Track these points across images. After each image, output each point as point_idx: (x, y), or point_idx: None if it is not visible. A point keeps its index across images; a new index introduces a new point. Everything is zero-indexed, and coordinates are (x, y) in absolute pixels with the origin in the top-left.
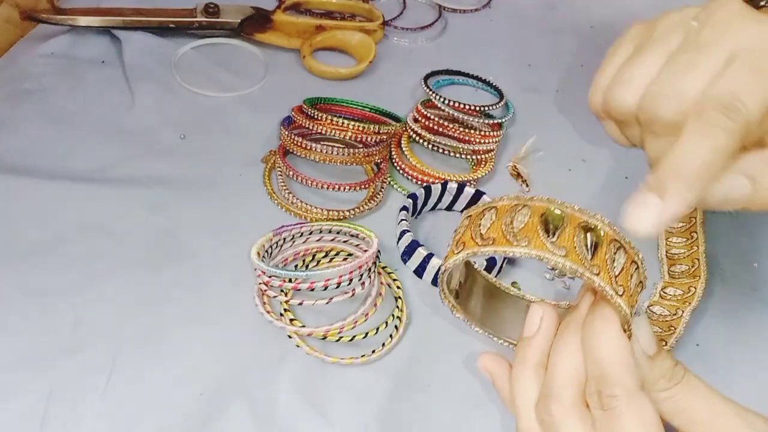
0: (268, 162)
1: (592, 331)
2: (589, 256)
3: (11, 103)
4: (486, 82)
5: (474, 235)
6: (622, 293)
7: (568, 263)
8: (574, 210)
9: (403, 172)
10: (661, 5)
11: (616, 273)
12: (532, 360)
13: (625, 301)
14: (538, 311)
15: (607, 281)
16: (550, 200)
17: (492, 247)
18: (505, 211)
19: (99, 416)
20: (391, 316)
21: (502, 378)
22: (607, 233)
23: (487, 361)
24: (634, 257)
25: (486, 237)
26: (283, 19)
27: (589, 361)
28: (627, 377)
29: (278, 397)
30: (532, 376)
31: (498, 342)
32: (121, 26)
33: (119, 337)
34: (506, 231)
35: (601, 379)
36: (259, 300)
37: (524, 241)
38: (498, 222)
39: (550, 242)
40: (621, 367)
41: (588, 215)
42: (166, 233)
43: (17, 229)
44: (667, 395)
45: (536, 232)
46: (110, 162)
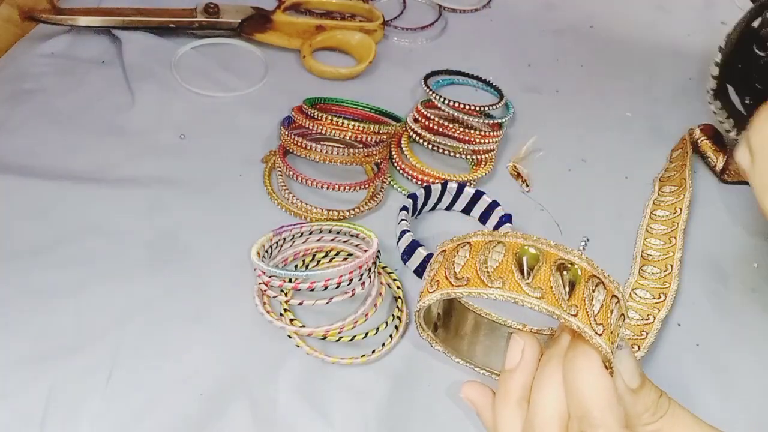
0: (268, 162)
1: (573, 368)
2: (566, 296)
3: (11, 103)
4: (486, 82)
5: (448, 273)
6: (601, 332)
7: (544, 305)
8: (550, 246)
9: (403, 172)
10: (660, 5)
11: (596, 312)
12: (514, 394)
13: (605, 339)
14: (519, 343)
15: (586, 322)
16: (525, 236)
17: (466, 288)
18: (480, 248)
19: (99, 416)
20: (391, 316)
21: (485, 408)
22: (585, 270)
23: (470, 391)
24: (614, 291)
25: (460, 276)
26: (283, 19)
27: (571, 399)
28: (609, 416)
29: (278, 397)
30: (515, 410)
31: (479, 372)
32: (121, 26)
33: (119, 337)
34: (480, 270)
35: (583, 418)
36: (259, 300)
37: (498, 282)
38: (472, 260)
39: (525, 283)
40: (603, 406)
41: (564, 251)
42: (166, 233)
43: (17, 229)
44: (653, 428)
45: (511, 273)
46: (110, 162)
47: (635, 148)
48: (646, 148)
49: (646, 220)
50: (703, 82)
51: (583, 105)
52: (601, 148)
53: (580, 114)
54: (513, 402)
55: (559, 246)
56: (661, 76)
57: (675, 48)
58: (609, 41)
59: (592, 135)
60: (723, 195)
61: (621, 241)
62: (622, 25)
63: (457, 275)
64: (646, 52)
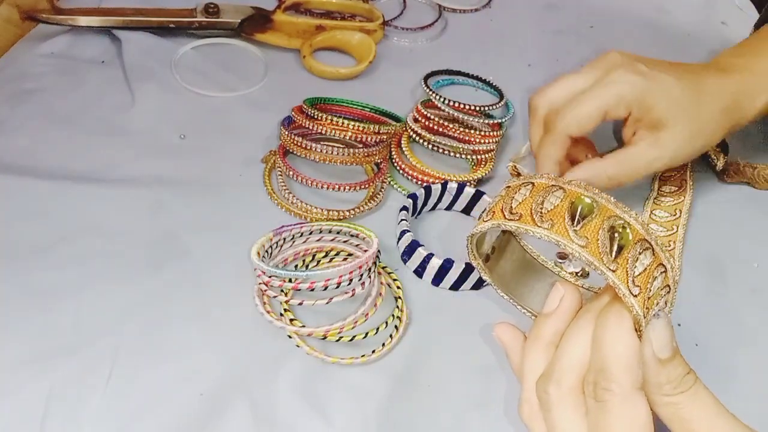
0: (268, 162)
1: (603, 324)
2: (609, 251)
3: (11, 103)
4: (486, 82)
5: (504, 207)
6: (637, 293)
7: (585, 254)
8: (609, 202)
9: (403, 172)
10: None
11: (636, 273)
12: (545, 337)
13: (639, 302)
14: (560, 291)
15: (623, 280)
16: (587, 187)
17: (515, 222)
18: (541, 189)
19: (99, 416)
20: (391, 316)
21: (514, 349)
22: (637, 231)
23: (502, 332)
24: (662, 261)
25: (515, 212)
26: (283, 19)
27: (595, 352)
28: (625, 376)
29: (278, 397)
30: (542, 352)
31: (520, 310)
32: (121, 26)
33: (119, 337)
34: (534, 210)
35: (600, 371)
36: (259, 300)
37: (548, 223)
38: (530, 199)
39: (573, 230)
40: (622, 365)
41: (622, 210)
42: (166, 233)
43: (17, 229)
44: (670, 401)
45: (562, 217)
46: (110, 162)
47: None
48: None
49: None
50: None
51: None
52: (600, 149)
53: None
54: (543, 344)
55: (619, 204)
56: None
57: (675, 48)
58: (609, 41)
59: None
60: (723, 195)
61: None
62: (622, 25)
63: (513, 210)
64: (646, 52)
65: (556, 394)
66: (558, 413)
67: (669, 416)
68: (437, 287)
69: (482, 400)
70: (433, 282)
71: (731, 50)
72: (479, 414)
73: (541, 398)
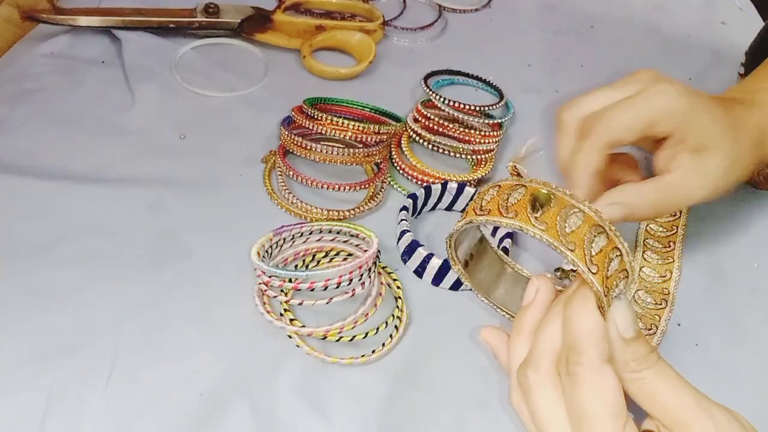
0: (268, 162)
1: (570, 306)
2: (569, 233)
3: (11, 103)
4: (486, 82)
5: (476, 207)
6: (595, 272)
7: (545, 237)
8: (565, 195)
9: (403, 172)
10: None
11: (593, 253)
12: (525, 327)
13: (598, 279)
14: (534, 284)
15: (581, 258)
16: (546, 184)
17: (485, 216)
18: (506, 189)
19: (99, 416)
20: (391, 316)
21: (501, 349)
22: (590, 216)
23: (488, 334)
24: (617, 244)
25: (484, 208)
26: (283, 19)
27: (564, 333)
28: (592, 348)
29: (278, 397)
30: (524, 341)
31: (500, 313)
32: (121, 26)
33: (119, 337)
34: (501, 205)
35: (570, 348)
36: (259, 300)
37: (512, 213)
38: (498, 197)
39: (534, 217)
40: (588, 339)
41: (576, 200)
42: (166, 233)
43: (17, 229)
44: (636, 377)
45: (524, 208)
46: (110, 162)
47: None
48: None
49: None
50: (703, 82)
51: None
52: None
53: None
54: (524, 334)
55: (573, 195)
56: None
57: (675, 48)
58: (609, 41)
59: None
60: None
61: None
62: (622, 25)
63: (482, 207)
64: (646, 52)
65: (534, 378)
66: (537, 395)
67: (636, 391)
68: (437, 287)
69: (482, 400)
70: (433, 282)
71: (746, 82)
72: (479, 414)
73: (522, 383)
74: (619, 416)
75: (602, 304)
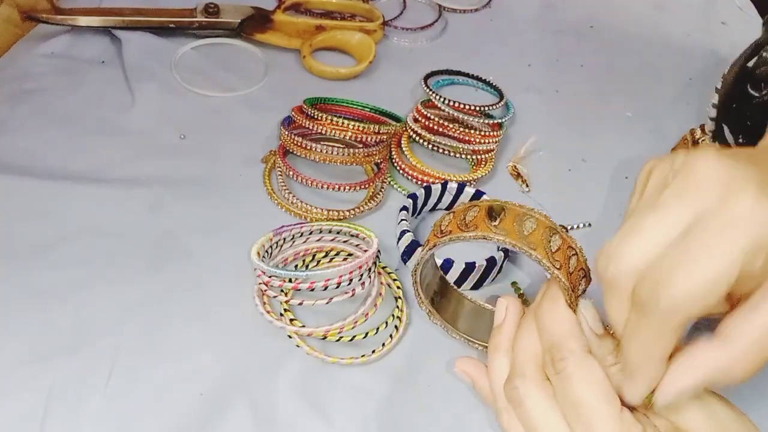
0: (268, 162)
1: (541, 311)
2: (527, 235)
3: (11, 103)
4: (486, 82)
5: (436, 232)
6: (559, 267)
7: (509, 240)
8: (514, 205)
9: (403, 172)
10: (660, 5)
11: (553, 251)
12: (502, 345)
13: (563, 274)
14: (503, 303)
15: (545, 255)
16: (494, 200)
17: (447, 236)
18: (461, 212)
19: (99, 416)
20: (391, 316)
21: (479, 377)
22: (541, 221)
23: (464, 364)
24: (570, 243)
25: (444, 231)
26: (283, 19)
27: (542, 336)
28: (573, 342)
29: (278, 397)
30: (503, 359)
31: (475, 347)
32: (121, 26)
33: (119, 337)
34: (460, 224)
35: (551, 347)
36: (259, 300)
37: (473, 227)
38: (455, 220)
39: (493, 226)
40: (567, 334)
41: (526, 209)
42: (166, 233)
43: (17, 229)
44: (616, 369)
45: (483, 220)
46: (110, 162)
47: (635, 148)
48: (646, 148)
49: None
50: (703, 82)
51: (583, 105)
52: (601, 148)
53: (580, 114)
54: (502, 352)
55: (523, 205)
56: (661, 76)
57: (675, 48)
58: (609, 41)
59: (592, 135)
60: None
61: None
62: (622, 25)
63: (442, 231)
64: (646, 52)
65: (523, 386)
66: (529, 402)
67: (619, 383)
68: None
69: (482, 400)
70: None
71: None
72: (479, 414)
73: (511, 396)
74: (614, 400)
75: (570, 300)
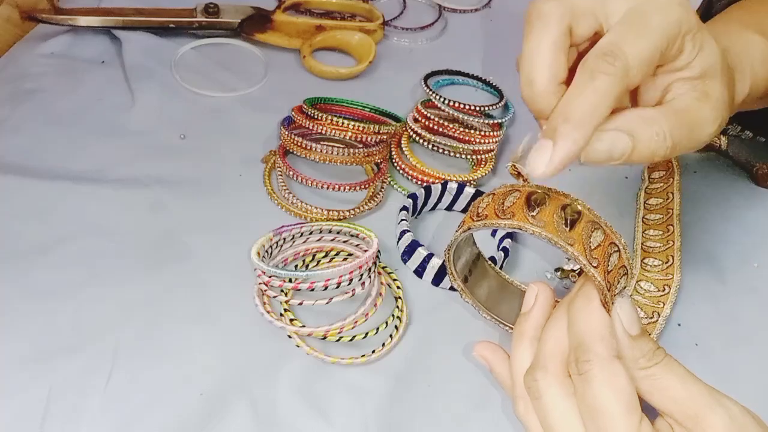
0: (268, 162)
1: (574, 307)
2: (567, 229)
3: (11, 103)
4: (486, 82)
5: (472, 215)
6: (596, 265)
7: (545, 233)
8: (558, 193)
9: (403, 172)
10: None
11: (592, 247)
12: (528, 333)
13: (600, 273)
14: (533, 290)
15: (582, 252)
16: (538, 186)
17: (483, 221)
18: (500, 195)
19: (99, 416)
20: (391, 316)
21: (498, 363)
22: (585, 214)
23: (482, 349)
24: (614, 239)
25: (481, 215)
26: (283, 19)
27: (571, 334)
28: (601, 345)
29: (278, 397)
30: (527, 347)
31: (503, 328)
32: (121, 26)
33: (119, 337)
34: (497, 209)
35: (578, 347)
36: (259, 300)
37: (509, 214)
38: (493, 203)
39: (531, 216)
40: (596, 336)
41: (571, 198)
42: (166, 233)
43: (17, 229)
44: (647, 374)
45: (521, 208)
46: (110, 162)
47: None
48: None
49: (641, 211)
50: None
51: None
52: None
53: None
54: (527, 340)
55: (568, 195)
56: None
57: None
58: None
59: None
60: (723, 194)
61: None
62: None
63: (479, 214)
64: None
65: (544, 380)
66: (548, 397)
67: (648, 388)
68: (437, 287)
69: (482, 400)
70: (433, 282)
71: None
72: (479, 414)
73: (531, 387)
74: (635, 411)
75: (606, 300)
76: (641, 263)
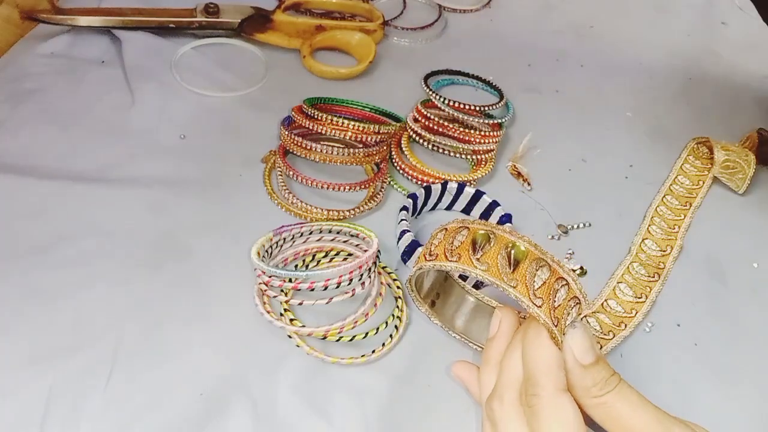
0: (268, 162)
1: (525, 338)
2: (510, 270)
3: (11, 103)
4: (486, 82)
5: (426, 252)
6: (540, 304)
7: (487, 276)
8: (504, 232)
9: (403, 172)
10: (660, 5)
11: (536, 287)
12: (493, 358)
13: (544, 311)
14: (498, 316)
15: (524, 293)
16: (485, 224)
17: (434, 261)
18: (451, 232)
19: (99, 416)
20: (391, 316)
21: (472, 382)
22: (531, 252)
23: (460, 369)
24: (561, 275)
25: (433, 253)
26: (283, 19)
27: (524, 365)
28: (548, 380)
29: (278, 397)
30: (492, 372)
31: (473, 347)
32: (121, 26)
33: (119, 337)
34: (447, 249)
35: (527, 380)
36: (259, 300)
37: (456, 257)
38: (444, 241)
39: (475, 258)
40: (543, 371)
41: (516, 236)
42: (166, 233)
43: (17, 229)
44: (599, 401)
45: (467, 250)
46: (110, 162)
47: (635, 148)
48: (646, 148)
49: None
50: (703, 81)
51: (583, 105)
52: (601, 148)
53: (580, 114)
54: (492, 365)
55: (513, 232)
56: (661, 76)
57: (675, 48)
58: (609, 41)
59: (592, 135)
60: (723, 195)
61: (621, 241)
62: (622, 25)
63: (431, 252)
64: (646, 52)
65: (500, 410)
66: (502, 425)
67: (601, 416)
68: None
69: None
70: None
71: None
72: (479, 414)
73: (490, 415)
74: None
75: (554, 335)
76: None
